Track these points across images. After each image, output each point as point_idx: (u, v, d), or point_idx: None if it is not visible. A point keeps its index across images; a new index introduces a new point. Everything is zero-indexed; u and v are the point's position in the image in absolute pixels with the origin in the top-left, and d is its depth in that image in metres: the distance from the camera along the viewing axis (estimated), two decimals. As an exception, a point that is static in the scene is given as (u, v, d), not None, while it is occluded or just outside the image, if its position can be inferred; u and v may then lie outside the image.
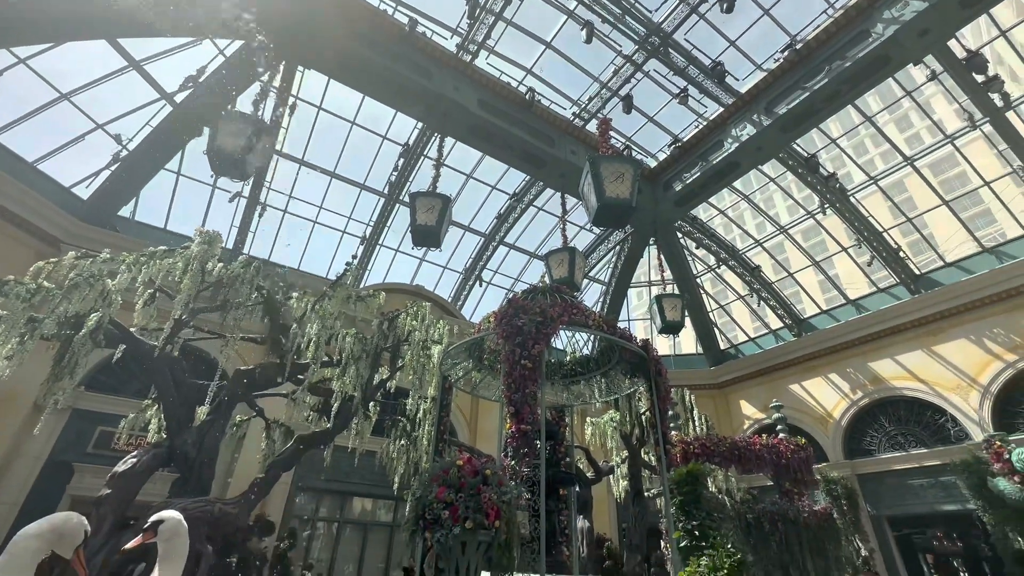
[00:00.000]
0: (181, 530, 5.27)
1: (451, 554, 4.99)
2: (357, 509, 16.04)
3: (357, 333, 9.86)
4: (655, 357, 8.19)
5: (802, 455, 9.52)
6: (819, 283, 22.45)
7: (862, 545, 12.56)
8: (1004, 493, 8.89)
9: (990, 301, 13.71)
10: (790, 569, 8.07)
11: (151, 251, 8.79)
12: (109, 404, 12.55)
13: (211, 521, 8.32)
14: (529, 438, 6.36)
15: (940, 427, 14.26)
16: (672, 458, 7.82)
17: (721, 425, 18.33)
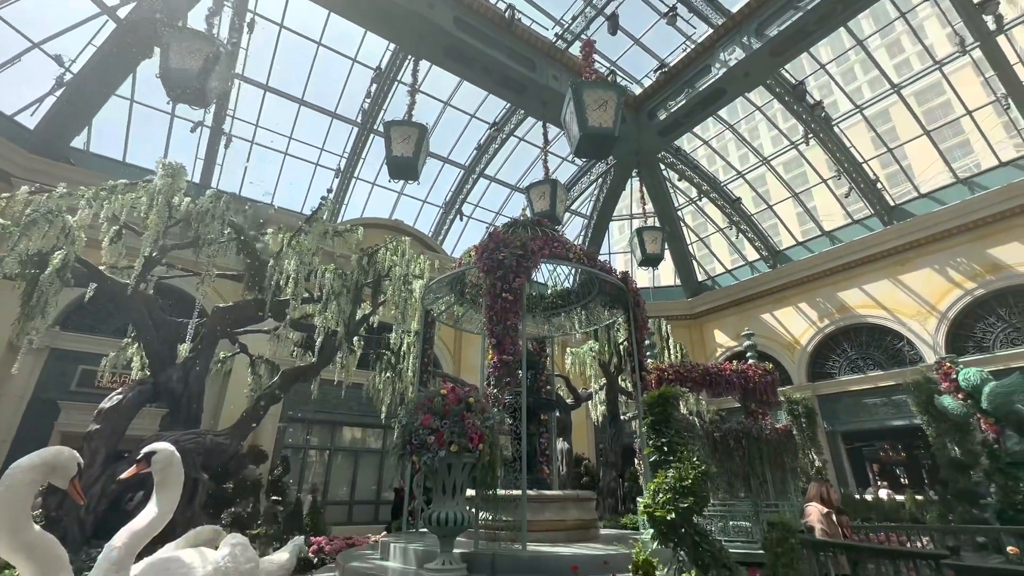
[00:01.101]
0: (174, 460, 5.45)
1: (438, 474, 5.30)
2: (347, 437, 16.71)
3: (337, 269, 9.75)
4: (634, 289, 8.36)
5: (768, 379, 10.06)
6: (797, 215, 22.71)
7: (816, 457, 13.72)
8: (948, 409, 9.66)
9: (957, 232, 14.13)
10: (750, 479, 8.82)
11: (111, 185, 8.34)
12: (88, 343, 12.44)
13: (204, 451, 8.59)
14: (511, 368, 6.58)
15: (897, 351, 15.18)
16: (647, 384, 8.21)
17: (695, 353, 19.18)
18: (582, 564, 4.92)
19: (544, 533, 6.30)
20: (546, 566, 5.08)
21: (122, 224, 8.65)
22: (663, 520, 2.63)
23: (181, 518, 7.23)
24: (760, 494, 8.68)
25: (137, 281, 8.32)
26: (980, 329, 13.64)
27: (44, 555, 4.24)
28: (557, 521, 6.62)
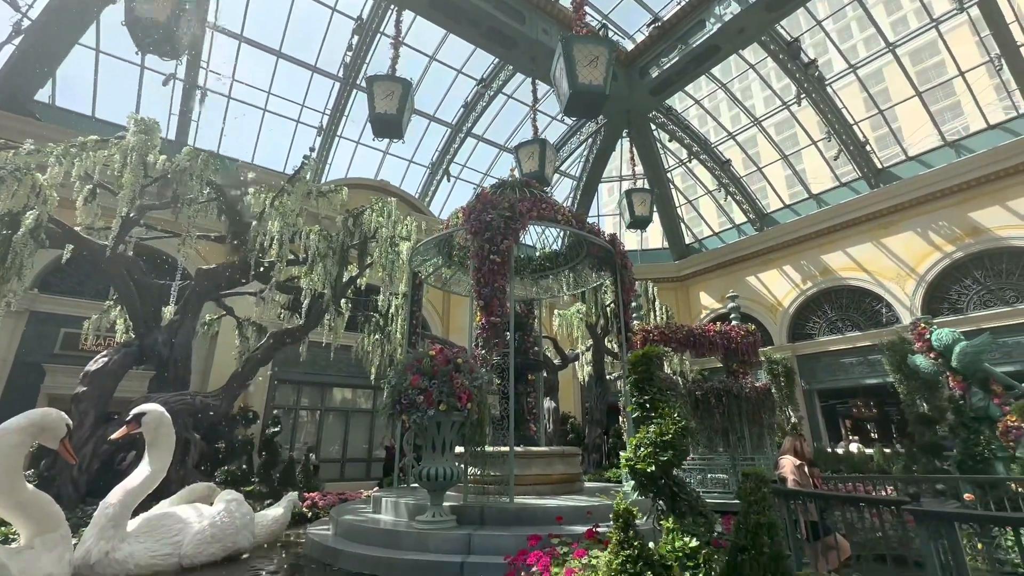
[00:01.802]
0: (165, 420, 5.51)
1: (427, 432, 5.43)
2: (338, 398, 16.92)
3: (322, 230, 9.60)
4: (621, 251, 8.39)
5: (750, 339, 10.33)
6: (786, 178, 22.68)
7: (792, 414, 14.30)
8: (920, 368, 10.04)
9: (941, 195, 14.27)
10: (729, 435, 9.21)
11: (82, 141, 7.99)
12: (69, 306, 12.23)
13: (194, 412, 8.67)
14: (499, 329, 6.65)
15: (875, 313, 15.59)
16: (633, 345, 8.38)
17: (680, 315, 19.50)
18: (567, 515, 5.16)
19: (531, 487, 6.55)
20: (532, 517, 5.31)
21: (96, 183, 8.35)
22: (643, 472, 2.75)
23: (175, 476, 7.36)
24: (737, 449, 9.08)
25: (115, 242, 8.12)
26: (956, 291, 14.01)
27: (39, 513, 4.33)
28: (543, 475, 6.88)
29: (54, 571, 4.11)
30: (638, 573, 2.34)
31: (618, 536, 2.52)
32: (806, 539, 4.13)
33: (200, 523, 5.34)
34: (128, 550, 4.79)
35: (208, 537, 5.25)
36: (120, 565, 4.68)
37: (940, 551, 2.73)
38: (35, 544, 4.16)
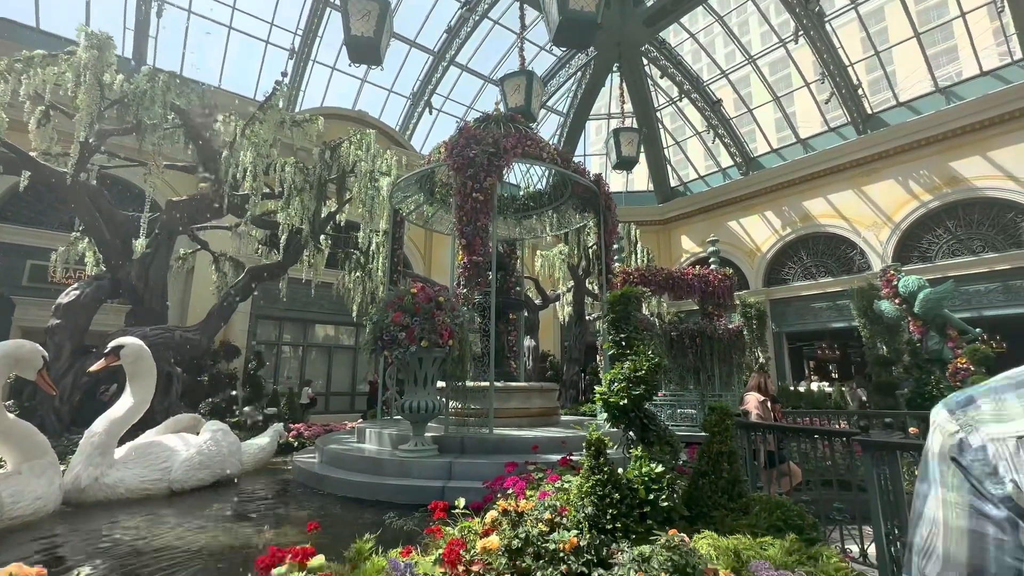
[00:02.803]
0: (144, 353, 5.49)
1: (409, 367, 5.56)
2: (320, 335, 17.04)
3: (297, 163, 9.21)
4: (606, 192, 8.30)
5: (727, 283, 10.57)
6: (775, 121, 22.30)
7: (761, 355, 14.99)
8: (884, 313, 10.52)
9: (926, 143, 14.27)
10: (700, 373, 9.65)
11: (27, 56, 7.32)
12: (34, 237, 11.74)
13: (174, 346, 8.66)
14: (481, 269, 6.65)
15: (849, 259, 16.02)
16: (613, 286, 8.51)
17: (661, 258, 19.73)
18: (543, 444, 5.44)
19: (510, 419, 6.85)
20: (510, 447, 5.59)
21: (48, 104, 7.76)
22: (616, 405, 2.88)
23: (159, 408, 7.47)
24: (707, 386, 9.56)
25: (76, 170, 7.68)
26: (927, 240, 14.40)
27: (24, 440, 4.38)
28: (522, 409, 7.17)
29: (44, 495, 4.22)
30: (607, 494, 2.52)
31: (590, 462, 2.69)
32: (764, 467, 4.47)
33: (188, 451, 5.49)
34: (118, 475, 4.92)
35: (196, 464, 5.42)
36: (110, 489, 4.83)
37: (882, 477, 2.98)
38: (23, 470, 4.25)
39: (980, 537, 0.60)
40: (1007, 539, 0.58)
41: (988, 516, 0.60)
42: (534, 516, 2.35)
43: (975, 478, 0.61)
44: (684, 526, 2.59)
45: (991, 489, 0.60)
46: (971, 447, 0.62)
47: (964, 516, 0.62)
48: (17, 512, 3.98)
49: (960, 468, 0.63)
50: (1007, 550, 0.58)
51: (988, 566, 0.59)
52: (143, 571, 3.04)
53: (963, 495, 0.62)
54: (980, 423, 0.63)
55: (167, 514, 4.49)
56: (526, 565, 2.04)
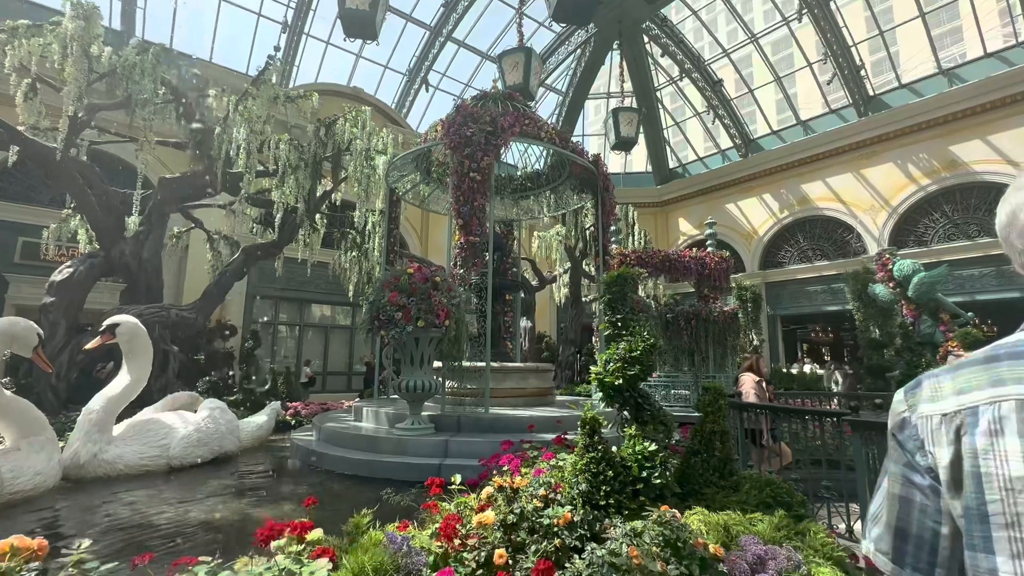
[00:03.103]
0: (139, 331, 5.48)
1: (406, 347, 5.58)
2: (317, 314, 17.04)
3: (292, 140, 9.07)
4: (604, 173, 8.23)
5: (723, 266, 10.60)
6: (776, 102, 22.04)
7: (755, 337, 15.11)
8: (878, 296, 10.58)
9: (927, 126, 14.18)
10: (694, 355, 9.74)
11: (11, 26, 7.11)
12: (25, 214, 11.60)
13: (170, 325, 8.65)
14: (477, 249, 6.63)
15: (845, 243, 16.05)
16: (610, 268, 8.50)
17: (659, 240, 19.71)
18: (538, 424, 5.50)
19: (506, 399, 6.91)
20: (506, 425, 5.65)
21: (34, 76, 7.57)
22: (611, 385, 2.91)
23: (156, 387, 7.50)
24: (701, 368, 9.66)
25: (66, 145, 7.54)
26: (923, 224, 14.41)
27: (21, 416, 4.40)
28: (518, 389, 7.23)
29: (44, 470, 4.26)
30: (600, 472, 2.56)
31: (584, 440, 2.73)
32: (760, 445, 4.55)
33: (186, 428, 5.53)
34: (117, 452, 4.97)
35: (195, 441, 5.47)
36: (110, 465, 4.88)
37: (870, 456, 3.05)
38: (22, 446, 4.27)
39: (908, 503, 0.69)
40: (930, 504, 0.67)
41: (916, 485, 0.69)
42: (529, 492, 2.39)
43: (908, 452, 0.70)
44: (676, 503, 2.64)
45: (919, 461, 0.69)
46: (909, 424, 0.71)
47: (899, 485, 0.71)
48: (17, 487, 4.02)
49: (898, 443, 0.72)
50: (929, 514, 0.67)
51: (910, 528, 0.69)
52: (144, 544, 3.09)
53: (900, 467, 0.72)
54: (918, 404, 0.71)
55: (166, 489, 4.55)
56: (521, 539, 2.09)
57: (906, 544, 0.69)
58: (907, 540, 0.69)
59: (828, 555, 2.35)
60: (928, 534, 0.68)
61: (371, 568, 1.77)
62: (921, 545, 0.68)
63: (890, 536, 0.71)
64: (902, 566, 0.69)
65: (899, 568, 0.69)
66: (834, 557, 2.36)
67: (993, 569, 0.59)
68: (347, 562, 1.82)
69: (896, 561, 0.70)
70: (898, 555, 0.70)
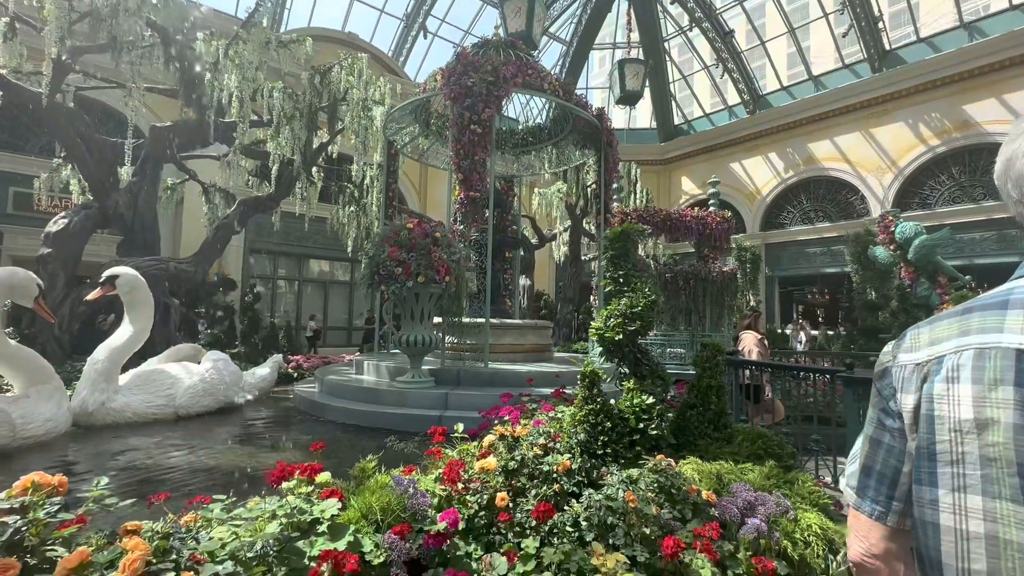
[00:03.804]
0: (139, 283, 5.48)
1: (406, 303, 5.60)
2: (315, 270, 17.03)
3: (286, 88, 8.75)
4: (608, 128, 8.01)
5: (725, 226, 10.50)
6: (788, 57, 21.21)
7: (752, 298, 15.22)
8: (878, 258, 10.58)
9: (941, 83, 13.73)
10: (691, 315, 9.83)
11: (-16, -40, 6.70)
12: (13, 162, 11.35)
13: (168, 277, 8.64)
14: (478, 205, 6.53)
15: (849, 204, 15.89)
16: (611, 226, 8.43)
17: (661, 199, 19.47)
18: (537, 378, 5.60)
19: (504, 355, 7.01)
20: (504, 380, 5.77)
21: (12, 15, 7.20)
22: (611, 340, 2.95)
23: (159, 339, 7.56)
24: (698, 327, 9.77)
25: (51, 90, 7.26)
26: (929, 187, 14.23)
27: (28, 365, 4.46)
28: (516, 345, 7.33)
29: (54, 416, 4.36)
30: (599, 423, 2.63)
31: (584, 393, 2.79)
32: (754, 401, 4.67)
33: (191, 379, 5.63)
34: (124, 400, 5.07)
35: (200, 391, 5.58)
36: (118, 413, 4.99)
37: (861, 411, 3.13)
38: (31, 393, 4.35)
39: (877, 443, 0.77)
40: (896, 446, 0.74)
41: (887, 428, 0.75)
42: (529, 441, 2.46)
43: (884, 398, 0.76)
44: (671, 453, 2.73)
45: (891, 406, 0.74)
46: (888, 373, 0.76)
47: (872, 427, 0.78)
48: (29, 432, 4.12)
49: (877, 390, 0.78)
50: (894, 454, 0.74)
51: (875, 465, 0.76)
52: (158, 485, 3.21)
53: (875, 411, 0.78)
54: (899, 354, 0.76)
55: (175, 436, 4.68)
56: (521, 484, 2.17)
57: (869, 479, 0.77)
58: (871, 475, 0.77)
59: (815, 502, 2.46)
60: (890, 471, 0.74)
61: (379, 508, 1.84)
62: (882, 480, 0.75)
63: (858, 472, 0.79)
64: (863, 498, 0.77)
65: (860, 499, 0.78)
66: (820, 504, 2.47)
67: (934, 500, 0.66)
68: (355, 503, 1.90)
69: (859, 493, 0.78)
70: (861, 488, 0.78)
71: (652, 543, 1.84)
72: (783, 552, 2.06)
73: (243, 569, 1.41)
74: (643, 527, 1.91)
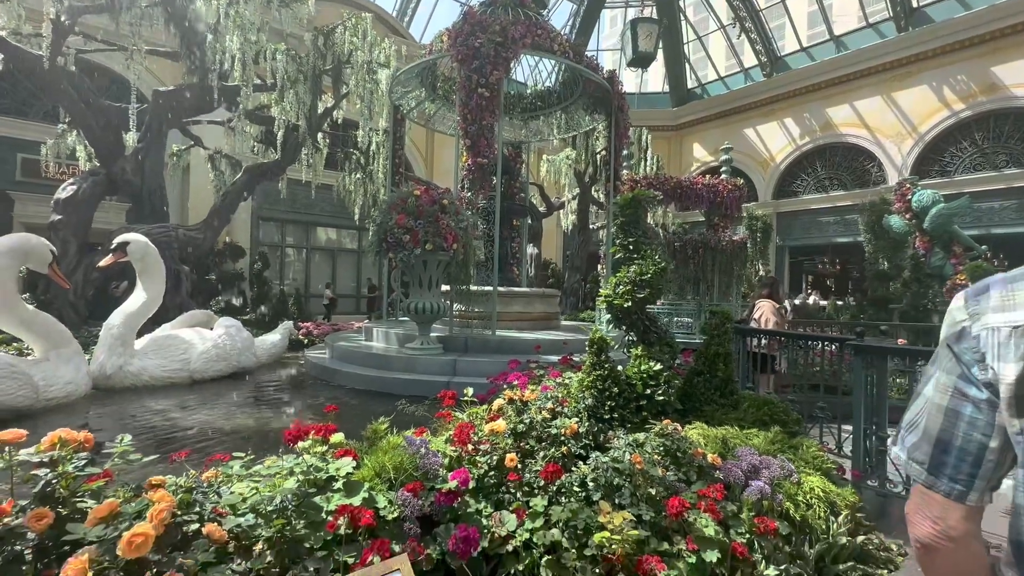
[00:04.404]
0: (150, 249, 5.52)
1: (414, 270, 5.61)
2: (323, 238, 17.05)
3: (289, 50, 8.54)
4: (619, 91, 7.78)
5: (736, 194, 10.30)
6: (808, 15, 20.28)
7: (762, 267, 15.09)
8: (892, 227, 10.38)
9: (969, 43, 13.11)
10: (699, 284, 9.78)
11: (-24, -86, 6.48)
12: (19, 129, 11.31)
13: (178, 245, 8.69)
14: (485, 171, 6.44)
15: (865, 172, 15.49)
16: (620, 193, 8.31)
17: (671, 166, 19.09)
18: (544, 345, 5.65)
19: (512, 323, 7.06)
20: (512, 347, 5.82)
21: (8, -26, 7.02)
22: (620, 307, 2.95)
23: (171, 305, 7.68)
24: (705, 297, 9.74)
25: (52, 52, 7.14)
26: (949, 154, 13.80)
27: (46, 330, 4.55)
28: (524, 313, 7.37)
29: (74, 379, 4.49)
30: (606, 388, 2.67)
31: (591, 359, 2.81)
32: (761, 371, 4.69)
33: (204, 344, 5.74)
34: (140, 364, 5.19)
35: (213, 356, 5.69)
36: (135, 376, 5.12)
37: (869, 381, 3.14)
38: (51, 357, 4.47)
39: (955, 415, 0.67)
40: (981, 418, 0.65)
41: (969, 398, 0.66)
42: (537, 405, 2.50)
43: (965, 364, 0.67)
44: (677, 418, 2.77)
45: (976, 374, 0.65)
46: (968, 335, 0.67)
47: (947, 396, 0.68)
48: (52, 394, 4.25)
49: (954, 354, 0.69)
50: (978, 427, 0.65)
51: (954, 440, 0.67)
52: (177, 444, 3.32)
53: (952, 378, 0.68)
54: (983, 313, 0.66)
55: (192, 399, 4.81)
56: (530, 446, 2.22)
57: (946, 455, 0.67)
58: (948, 451, 0.67)
59: (818, 467, 2.50)
60: (974, 447, 0.65)
61: (391, 467, 1.90)
62: (964, 457, 0.66)
63: (929, 446, 0.69)
64: (938, 476, 0.68)
65: (934, 478, 0.68)
66: (823, 468, 2.52)
67: None
68: (368, 462, 1.96)
69: (933, 471, 0.68)
70: (936, 465, 0.68)
71: (657, 503, 1.89)
72: (785, 513, 2.11)
73: (264, 521, 1.46)
74: (649, 488, 1.95)
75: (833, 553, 2.10)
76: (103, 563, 1.13)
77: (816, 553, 2.02)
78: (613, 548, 1.61)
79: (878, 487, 3.04)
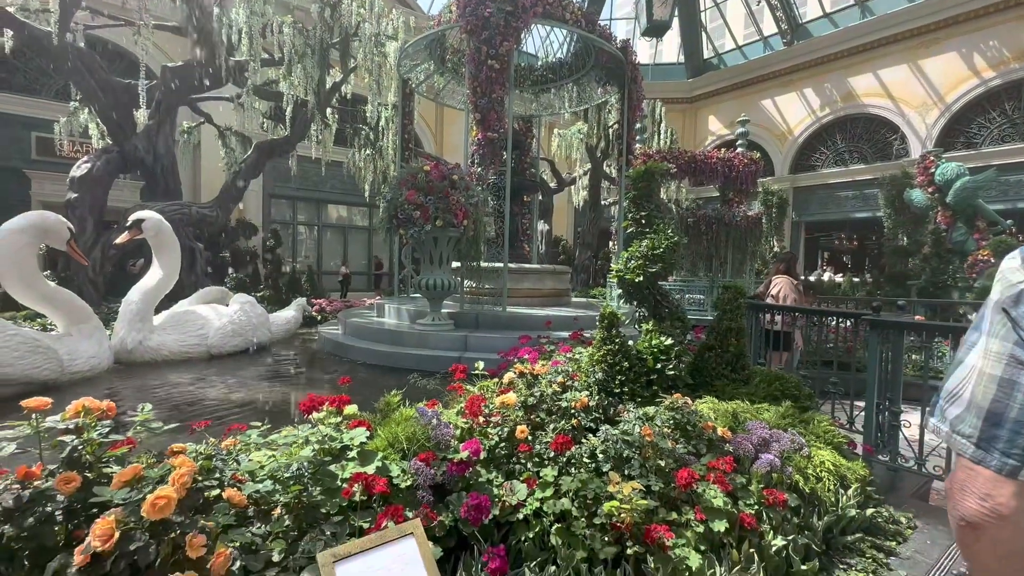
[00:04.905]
0: (164, 227, 5.59)
1: (425, 247, 5.62)
2: (334, 215, 17.09)
3: (296, 23, 8.41)
4: (633, 62, 7.58)
5: (752, 168, 10.06)
6: (833, -22, 19.40)
7: (777, 244, 14.83)
8: (914, 202, 10.09)
9: (1004, 7, 12.46)
10: (712, 260, 9.66)
11: None
12: (32, 107, 11.37)
13: (191, 222, 8.78)
14: (495, 146, 6.36)
15: (887, 145, 15.01)
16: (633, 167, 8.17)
17: (686, 140, 18.67)
18: (555, 321, 5.66)
19: (522, 299, 7.07)
20: (523, 323, 5.84)
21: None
22: (631, 282, 2.93)
23: (187, 282, 7.81)
24: (718, 273, 9.62)
25: (61, 28, 7.11)
26: (977, 124, 13.29)
27: (67, 305, 4.66)
28: (535, 289, 7.36)
29: (97, 354, 4.61)
30: (616, 363, 2.67)
31: (602, 334, 2.81)
32: (774, 348, 4.66)
33: (220, 320, 5.85)
34: (159, 339, 5.32)
35: (229, 332, 5.80)
36: (155, 351, 5.25)
37: (884, 357, 3.10)
38: (73, 332, 4.59)
39: (1010, 385, 0.61)
40: None
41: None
42: (548, 379, 2.52)
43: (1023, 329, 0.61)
44: (687, 393, 2.77)
45: None
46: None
47: (1000, 365, 0.62)
48: (76, 368, 4.38)
49: (1010, 319, 0.62)
50: None
51: (1009, 412, 0.61)
52: (198, 415, 3.41)
53: (1006, 345, 0.62)
54: None
55: (210, 373, 4.92)
56: (540, 419, 2.24)
57: (999, 428, 0.62)
58: (1002, 424, 0.62)
59: (829, 441, 2.50)
60: None
61: (404, 438, 1.94)
62: (1019, 430, 0.61)
63: (978, 419, 0.64)
64: (989, 451, 0.63)
65: (984, 453, 0.63)
66: (834, 443, 2.51)
67: None
68: (382, 432, 1.99)
69: (983, 446, 0.63)
70: (987, 439, 0.63)
71: (667, 475, 1.91)
72: (795, 486, 2.12)
73: (281, 487, 1.51)
74: (658, 460, 1.97)
75: (842, 525, 2.12)
76: (129, 524, 1.18)
77: (824, 524, 2.03)
78: (622, 517, 1.63)
79: (889, 461, 3.04)
